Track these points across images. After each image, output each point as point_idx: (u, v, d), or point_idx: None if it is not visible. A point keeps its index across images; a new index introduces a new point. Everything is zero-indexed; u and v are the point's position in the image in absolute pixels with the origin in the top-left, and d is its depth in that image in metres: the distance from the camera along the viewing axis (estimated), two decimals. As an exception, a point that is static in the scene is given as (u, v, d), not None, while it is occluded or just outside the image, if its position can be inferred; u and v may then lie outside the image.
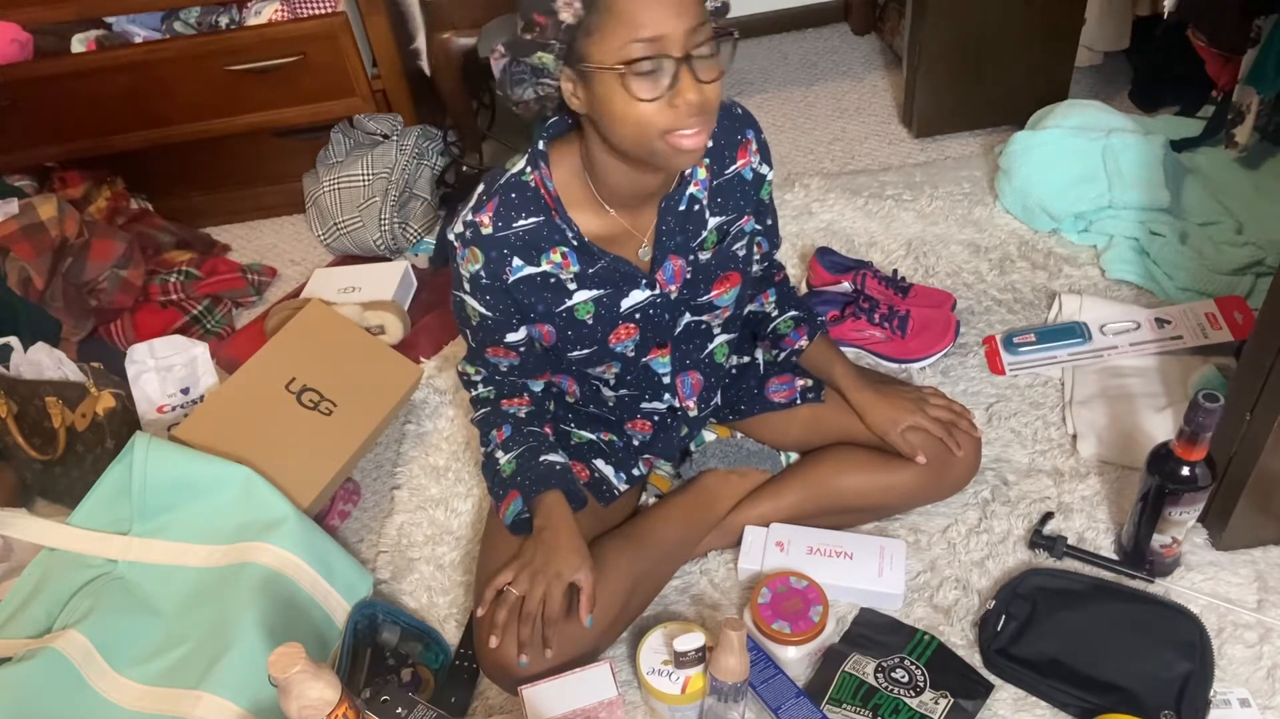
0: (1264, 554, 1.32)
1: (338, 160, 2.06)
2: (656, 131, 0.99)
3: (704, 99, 0.99)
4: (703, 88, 0.98)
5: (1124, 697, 1.16)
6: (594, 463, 1.33)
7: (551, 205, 1.12)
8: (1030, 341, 1.62)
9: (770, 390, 1.40)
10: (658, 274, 1.19)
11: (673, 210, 1.16)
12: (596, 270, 1.16)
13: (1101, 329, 1.60)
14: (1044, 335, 1.62)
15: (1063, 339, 1.61)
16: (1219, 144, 1.94)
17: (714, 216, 1.21)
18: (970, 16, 1.99)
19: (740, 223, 1.24)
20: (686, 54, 0.96)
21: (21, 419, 1.51)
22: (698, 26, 0.96)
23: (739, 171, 1.21)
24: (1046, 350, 1.60)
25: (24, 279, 1.71)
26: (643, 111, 0.98)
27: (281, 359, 1.46)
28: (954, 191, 2.02)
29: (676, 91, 0.97)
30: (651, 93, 0.97)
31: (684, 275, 1.21)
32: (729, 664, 1.06)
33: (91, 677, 1.15)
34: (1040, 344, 1.61)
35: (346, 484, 1.54)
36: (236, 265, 2.02)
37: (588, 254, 1.14)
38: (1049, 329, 1.64)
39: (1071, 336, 1.60)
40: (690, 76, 0.97)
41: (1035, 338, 1.62)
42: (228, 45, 1.91)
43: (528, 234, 1.12)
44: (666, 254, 1.18)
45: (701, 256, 1.21)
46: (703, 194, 1.19)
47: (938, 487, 1.36)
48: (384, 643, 1.26)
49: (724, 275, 1.24)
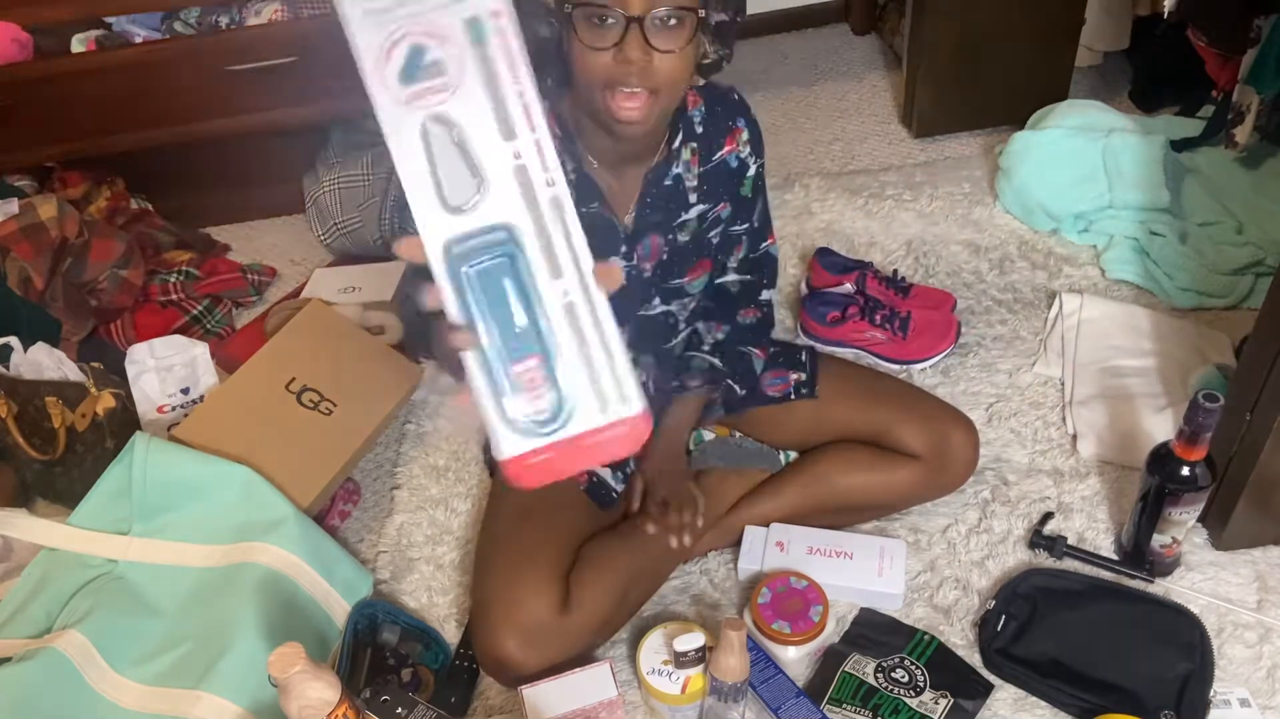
0: (1264, 554, 1.32)
1: (338, 160, 2.05)
2: (600, 82, 1.00)
3: (650, 64, 0.98)
4: (652, 54, 0.98)
5: (1124, 697, 1.16)
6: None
7: (557, 134, 1.11)
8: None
9: (765, 385, 1.40)
10: (636, 247, 1.19)
11: (657, 182, 1.17)
12: (586, 213, 1.15)
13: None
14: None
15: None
16: (1219, 144, 1.94)
17: (699, 203, 1.21)
18: (970, 16, 1.99)
19: (717, 209, 1.24)
20: (641, 15, 0.96)
21: (21, 419, 1.51)
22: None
23: (725, 159, 1.22)
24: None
25: (24, 279, 1.71)
26: (590, 59, 0.99)
27: (281, 359, 1.46)
28: (954, 191, 2.02)
29: (621, 47, 0.97)
30: (597, 40, 0.98)
31: (660, 255, 1.22)
32: (729, 664, 1.06)
33: (91, 677, 1.15)
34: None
35: (346, 484, 1.54)
36: (236, 265, 2.02)
37: (584, 191, 1.14)
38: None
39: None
40: (639, 37, 0.97)
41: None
42: (228, 45, 1.90)
43: None
44: (647, 229, 1.19)
45: (680, 238, 1.22)
46: (689, 177, 1.19)
47: (937, 484, 1.36)
48: (384, 643, 1.26)
49: (698, 262, 1.25)
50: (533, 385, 0.66)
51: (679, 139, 1.18)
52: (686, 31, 1.00)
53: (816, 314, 1.69)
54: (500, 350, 0.65)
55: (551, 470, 0.67)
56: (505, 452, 0.67)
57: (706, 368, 1.34)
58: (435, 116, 0.62)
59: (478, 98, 0.62)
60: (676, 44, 0.99)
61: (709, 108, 1.20)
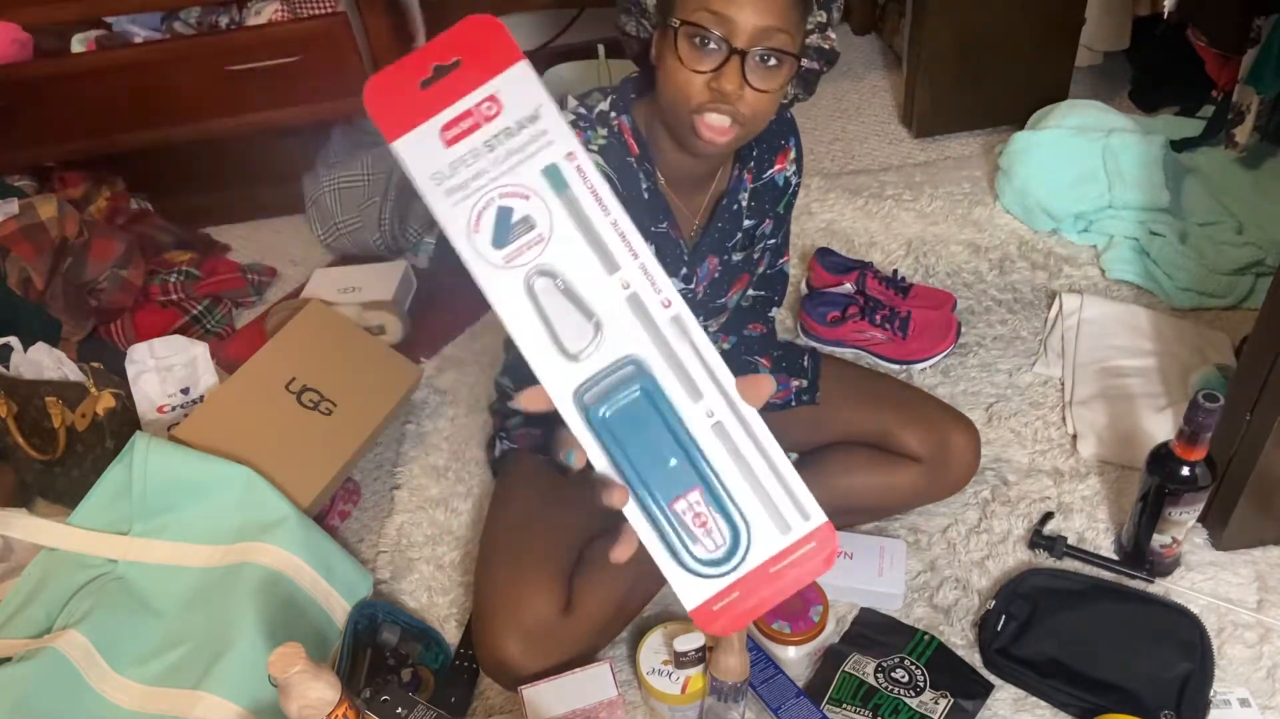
0: (1264, 554, 1.32)
1: (338, 160, 2.05)
2: (689, 103, 1.00)
3: (742, 98, 0.98)
4: (747, 88, 0.98)
5: (1124, 697, 1.16)
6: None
7: (634, 150, 1.11)
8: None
9: None
10: (696, 269, 1.19)
11: (729, 207, 1.17)
12: (656, 234, 1.15)
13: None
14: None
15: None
16: (1219, 144, 1.94)
17: (749, 219, 1.21)
18: (970, 16, 1.99)
19: (763, 226, 1.25)
20: (745, 49, 0.96)
21: (21, 419, 1.51)
22: (773, 30, 0.96)
23: (773, 177, 1.22)
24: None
25: (24, 279, 1.71)
26: (684, 78, 0.99)
27: (281, 359, 1.46)
28: (954, 191, 2.02)
29: (718, 75, 0.97)
30: (696, 63, 0.98)
31: (714, 275, 1.22)
32: (729, 664, 1.06)
33: (91, 677, 1.15)
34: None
35: (346, 484, 1.54)
36: (236, 265, 2.02)
37: (656, 209, 1.13)
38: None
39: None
40: (738, 69, 0.97)
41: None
42: (228, 45, 1.90)
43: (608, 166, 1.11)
44: (707, 251, 1.18)
45: (735, 258, 1.22)
46: (744, 196, 1.20)
47: (937, 486, 1.36)
48: (384, 643, 1.26)
49: (740, 277, 1.26)
50: (700, 521, 0.60)
51: (741, 162, 1.19)
52: (784, 74, 1.00)
53: (816, 314, 1.69)
54: (657, 490, 0.60)
55: (744, 612, 0.60)
56: (689, 602, 0.60)
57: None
58: (536, 270, 0.59)
59: (574, 241, 0.59)
60: (772, 84, 1.00)
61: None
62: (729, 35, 0.96)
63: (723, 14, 0.95)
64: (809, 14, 1.02)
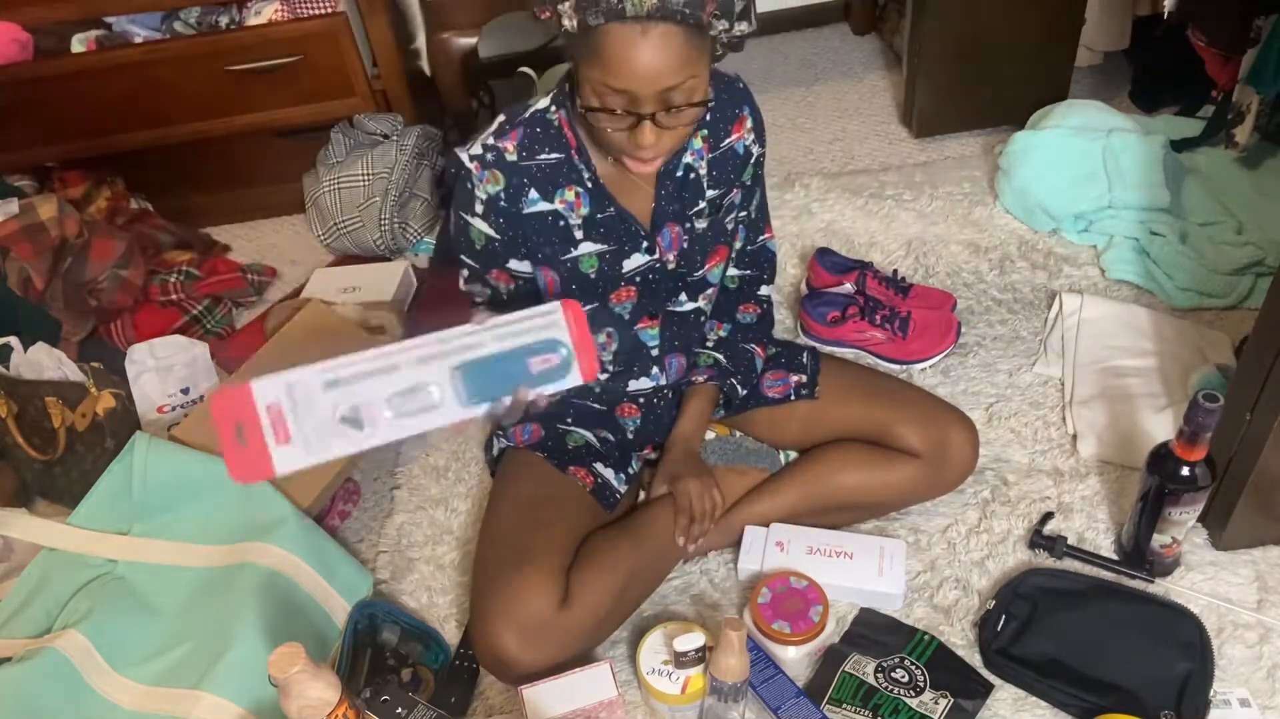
0: (1264, 554, 1.32)
1: (338, 160, 2.05)
2: (614, 149, 1.06)
3: (660, 142, 1.03)
4: (662, 132, 1.03)
5: (1124, 697, 1.16)
6: (594, 467, 1.33)
7: (572, 144, 1.15)
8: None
9: (765, 385, 1.41)
10: (657, 239, 1.22)
11: (670, 174, 1.20)
12: (605, 218, 1.19)
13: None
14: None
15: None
16: (1219, 144, 1.94)
17: (711, 189, 1.24)
18: (970, 16, 1.99)
19: (731, 195, 1.27)
20: (654, 112, 1.00)
21: (21, 419, 1.51)
22: (677, 85, 0.99)
23: (733, 145, 1.24)
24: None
25: (24, 279, 1.71)
26: (603, 134, 1.05)
27: (281, 359, 1.45)
28: (954, 192, 2.02)
29: (633, 133, 1.02)
30: (613, 126, 1.03)
31: (681, 244, 1.24)
32: (729, 664, 1.06)
33: (91, 677, 1.15)
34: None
35: (346, 484, 1.54)
36: (236, 265, 2.02)
37: (600, 197, 1.18)
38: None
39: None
40: (650, 126, 1.01)
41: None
42: (228, 45, 1.90)
43: (548, 168, 1.16)
44: (665, 220, 1.22)
45: (698, 225, 1.24)
46: (700, 164, 1.22)
47: (936, 483, 1.36)
48: (384, 643, 1.26)
49: (716, 248, 1.28)
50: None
51: (695, 132, 1.20)
52: (698, 110, 1.04)
53: (816, 314, 1.69)
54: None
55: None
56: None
57: (712, 363, 1.36)
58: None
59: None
60: (688, 118, 1.04)
61: (715, 95, 1.21)
62: (634, 105, 1.00)
63: (625, 90, 0.99)
64: (709, 45, 1.03)
